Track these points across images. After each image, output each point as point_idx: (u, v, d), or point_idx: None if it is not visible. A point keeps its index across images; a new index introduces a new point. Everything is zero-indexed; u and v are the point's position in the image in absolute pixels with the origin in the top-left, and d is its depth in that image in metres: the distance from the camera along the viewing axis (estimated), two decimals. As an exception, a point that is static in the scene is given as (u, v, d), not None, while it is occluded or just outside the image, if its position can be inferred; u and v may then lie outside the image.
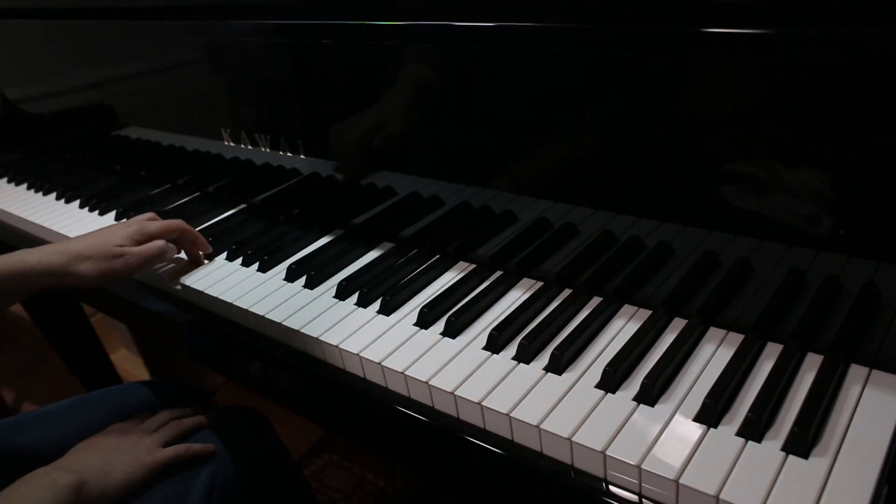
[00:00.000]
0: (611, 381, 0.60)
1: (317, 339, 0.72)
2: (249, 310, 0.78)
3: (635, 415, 0.57)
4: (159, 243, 0.81)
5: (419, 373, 0.65)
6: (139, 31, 1.01)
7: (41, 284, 0.76)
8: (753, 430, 0.53)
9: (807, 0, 0.50)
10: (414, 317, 0.73)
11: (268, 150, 0.94)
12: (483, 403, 0.60)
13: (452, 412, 0.63)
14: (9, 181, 1.34)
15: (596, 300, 0.72)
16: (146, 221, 0.83)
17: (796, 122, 0.54)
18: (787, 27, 0.51)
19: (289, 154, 0.92)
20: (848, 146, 0.52)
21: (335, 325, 0.73)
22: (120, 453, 0.74)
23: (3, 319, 2.00)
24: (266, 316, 0.77)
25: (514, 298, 0.74)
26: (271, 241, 0.93)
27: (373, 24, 0.74)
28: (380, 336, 0.71)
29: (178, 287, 0.87)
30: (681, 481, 0.50)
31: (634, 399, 0.58)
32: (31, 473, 0.67)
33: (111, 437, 0.78)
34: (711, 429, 0.54)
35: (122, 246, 0.77)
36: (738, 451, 0.52)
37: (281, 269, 0.86)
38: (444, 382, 0.63)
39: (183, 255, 0.90)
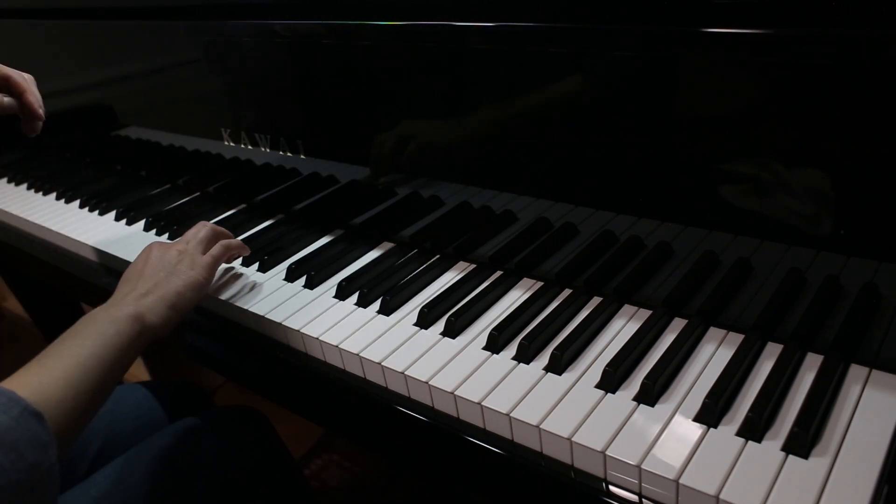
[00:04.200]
0: (611, 381, 0.60)
1: (316, 339, 0.72)
2: (249, 310, 0.78)
3: (635, 415, 0.57)
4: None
5: (419, 373, 0.65)
6: (139, 31, 1.01)
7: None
8: (753, 430, 0.53)
9: (807, 0, 0.50)
10: (414, 317, 0.73)
11: (268, 150, 0.94)
12: (483, 403, 0.60)
13: (452, 412, 0.63)
14: (9, 181, 1.34)
15: (596, 300, 0.72)
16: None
17: (796, 121, 0.54)
18: (786, 27, 0.51)
19: (289, 154, 0.92)
20: (847, 146, 0.52)
21: (335, 325, 0.73)
22: (167, 274, 0.74)
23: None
24: (266, 316, 0.77)
25: (514, 298, 0.74)
26: (271, 241, 0.93)
27: (373, 24, 0.74)
28: (380, 336, 0.71)
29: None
30: (681, 481, 0.50)
31: (634, 399, 0.58)
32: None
33: (152, 261, 0.76)
34: (711, 429, 0.54)
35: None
36: (738, 451, 0.52)
37: (281, 269, 0.86)
38: (443, 382, 0.63)
39: None
